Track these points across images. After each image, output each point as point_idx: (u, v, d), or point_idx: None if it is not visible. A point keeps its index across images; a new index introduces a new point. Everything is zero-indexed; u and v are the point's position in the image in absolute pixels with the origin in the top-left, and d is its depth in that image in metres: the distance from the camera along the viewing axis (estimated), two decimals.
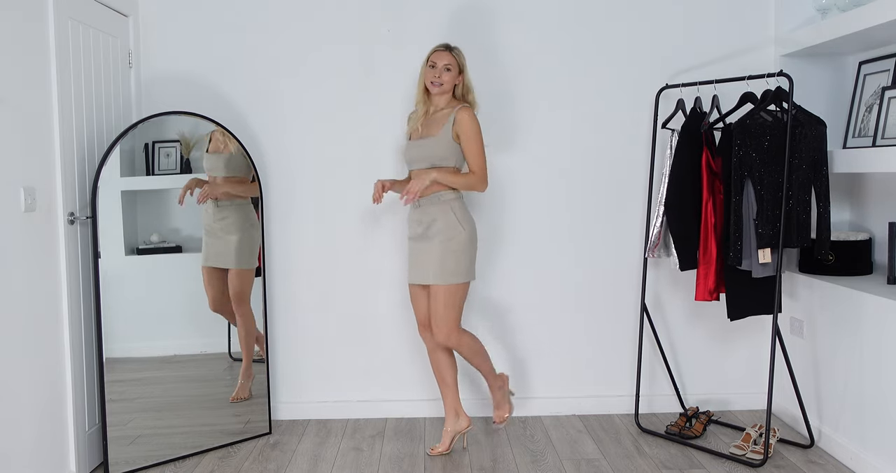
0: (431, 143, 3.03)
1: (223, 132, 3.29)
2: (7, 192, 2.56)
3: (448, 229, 3.01)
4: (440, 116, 3.07)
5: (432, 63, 3.03)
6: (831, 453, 3.14)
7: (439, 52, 3.05)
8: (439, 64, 3.02)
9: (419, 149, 3.06)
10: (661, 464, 3.08)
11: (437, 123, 3.06)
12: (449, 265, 3.01)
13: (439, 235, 3.01)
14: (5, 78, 2.55)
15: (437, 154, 3.03)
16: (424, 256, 3.05)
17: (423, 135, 3.08)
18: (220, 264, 3.32)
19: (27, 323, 2.66)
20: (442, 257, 3.00)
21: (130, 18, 3.45)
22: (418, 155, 3.06)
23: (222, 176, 3.31)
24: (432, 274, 3.02)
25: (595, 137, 3.61)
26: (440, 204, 3.03)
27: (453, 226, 3.02)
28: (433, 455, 3.18)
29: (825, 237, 3.11)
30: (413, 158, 3.09)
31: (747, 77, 3.14)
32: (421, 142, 3.06)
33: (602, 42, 3.58)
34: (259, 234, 3.44)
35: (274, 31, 3.55)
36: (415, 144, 3.08)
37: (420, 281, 3.08)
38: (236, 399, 3.40)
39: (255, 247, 3.43)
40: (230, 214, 3.34)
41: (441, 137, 3.03)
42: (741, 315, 3.14)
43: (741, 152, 3.01)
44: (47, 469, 2.77)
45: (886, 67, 3.17)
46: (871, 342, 2.89)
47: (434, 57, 3.04)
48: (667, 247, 3.36)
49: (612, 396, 3.69)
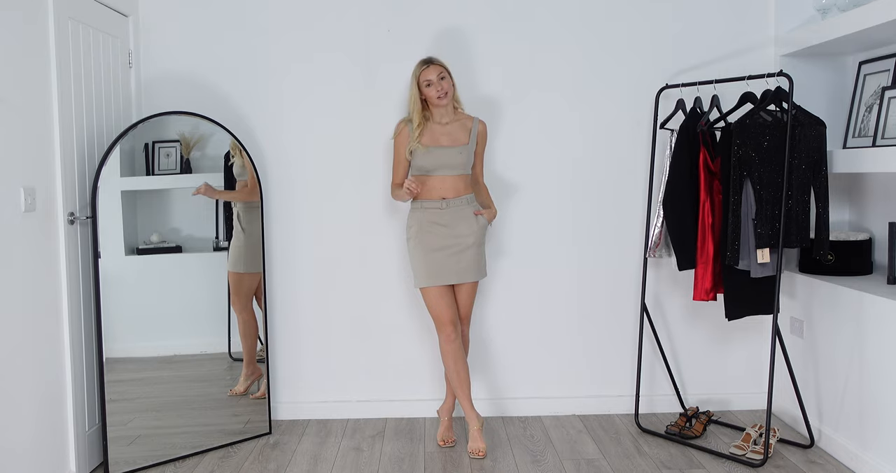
0: (465, 151, 3.18)
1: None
2: (7, 192, 2.56)
3: (481, 228, 3.23)
4: (458, 126, 3.22)
5: (427, 81, 3.12)
6: (831, 453, 3.14)
7: (426, 69, 3.13)
8: (434, 77, 3.11)
9: (449, 157, 3.15)
10: (661, 464, 3.08)
11: (460, 132, 3.21)
12: (484, 259, 3.29)
13: (474, 234, 3.20)
14: (5, 78, 2.55)
15: (468, 162, 3.21)
16: (464, 255, 3.17)
17: (450, 143, 3.18)
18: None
19: (27, 323, 2.66)
20: (479, 253, 3.24)
21: (130, 18, 3.45)
22: (448, 162, 3.15)
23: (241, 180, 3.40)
24: (476, 271, 3.23)
25: (595, 137, 3.61)
26: (473, 204, 3.24)
27: (484, 225, 3.25)
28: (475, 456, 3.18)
29: (824, 237, 3.11)
30: (439, 165, 3.16)
31: (747, 77, 3.14)
32: (451, 150, 3.16)
33: (602, 42, 3.58)
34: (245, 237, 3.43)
35: (274, 31, 3.55)
36: (442, 152, 3.15)
37: (464, 279, 3.19)
38: (234, 394, 3.43)
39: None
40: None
41: (471, 146, 3.22)
42: (739, 315, 3.14)
43: (740, 152, 3.01)
44: (47, 468, 2.77)
45: (886, 67, 3.17)
46: (871, 342, 2.89)
47: (426, 74, 3.12)
48: (667, 247, 3.36)
49: (612, 396, 3.69)
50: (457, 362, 3.20)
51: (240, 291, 3.41)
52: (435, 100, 3.14)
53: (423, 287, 3.18)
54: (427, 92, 3.13)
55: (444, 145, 3.17)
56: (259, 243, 3.43)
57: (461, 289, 3.24)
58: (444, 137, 3.19)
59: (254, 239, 3.42)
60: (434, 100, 3.14)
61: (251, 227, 3.41)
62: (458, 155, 3.16)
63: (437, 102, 3.14)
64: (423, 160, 3.16)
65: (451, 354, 3.19)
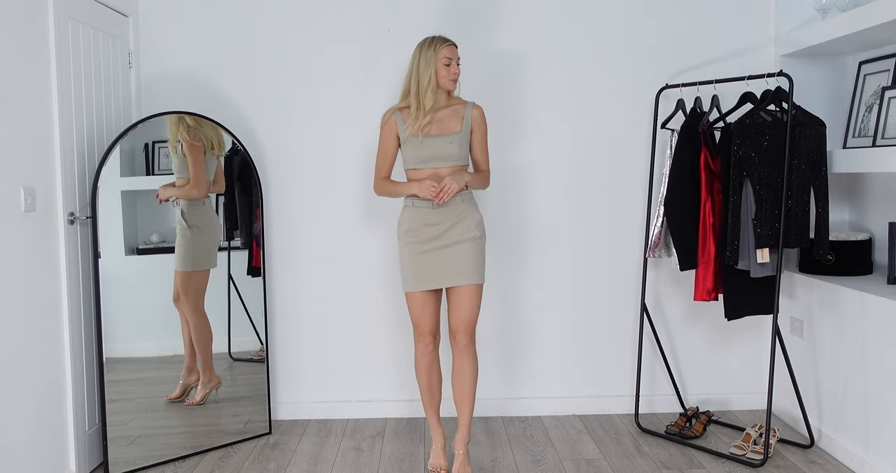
0: (456, 140, 2.92)
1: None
2: (7, 192, 2.56)
3: (478, 226, 2.97)
4: (450, 112, 2.96)
5: (448, 59, 2.89)
6: (831, 453, 3.14)
7: (450, 46, 2.91)
8: (455, 56, 2.92)
9: (441, 147, 2.91)
10: (661, 464, 3.08)
11: (451, 119, 2.95)
12: (481, 261, 2.97)
13: (469, 232, 2.93)
14: (5, 78, 2.55)
15: (462, 151, 2.94)
16: (455, 257, 2.91)
17: (440, 132, 2.92)
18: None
19: (27, 323, 2.66)
20: (476, 254, 2.94)
21: (130, 18, 3.45)
22: (440, 153, 2.91)
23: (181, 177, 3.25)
24: (470, 274, 2.92)
25: (595, 137, 3.61)
26: (469, 202, 2.97)
27: (480, 224, 2.98)
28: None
29: (823, 238, 3.11)
30: (431, 157, 2.91)
31: (747, 77, 3.14)
32: (442, 139, 2.91)
33: (602, 42, 3.58)
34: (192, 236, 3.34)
35: (274, 30, 3.55)
36: (434, 142, 2.91)
37: (454, 283, 2.91)
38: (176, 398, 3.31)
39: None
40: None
41: (464, 134, 2.94)
42: (738, 315, 3.14)
43: (740, 152, 3.01)
44: (47, 468, 2.77)
45: (886, 67, 3.17)
46: (871, 342, 2.89)
47: (447, 52, 2.89)
48: (667, 247, 3.36)
49: (612, 396, 3.69)
50: (430, 375, 3.03)
51: (188, 290, 3.27)
52: (448, 83, 2.91)
53: (407, 291, 2.99)
54: (443, 72, 2.89)
55: (433, 134, 2.92)
56: (212, 240, 3.35)
57: (458, 294, 2.93)
58: (434, 126, 2.93)
59: (204, 236, 3.32)
60: (446, 83, 2.91)
61: (199, 224, 3.30)
62: (450, 144, 2.91)
63: (450, 85, 2.92)
64: (412, 152, 2.93)
65: (425, 366, 3.01)
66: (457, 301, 2.94)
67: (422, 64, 2.90)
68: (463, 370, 2.97)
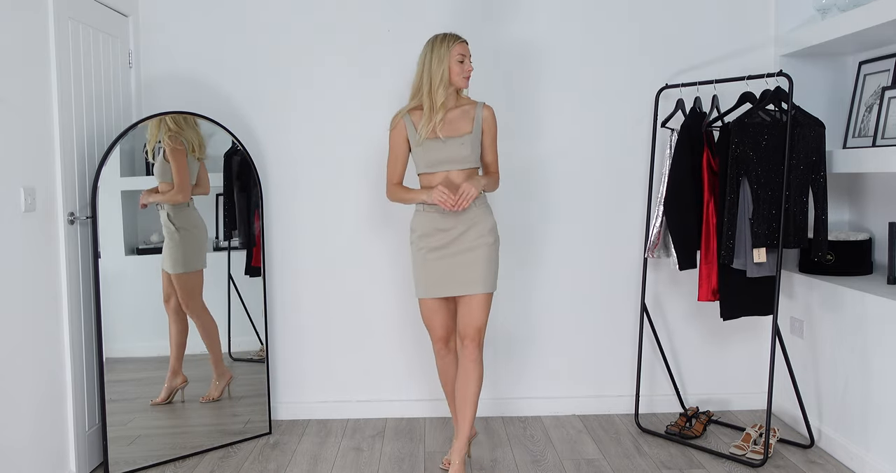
0: (468, 142, 2.85)
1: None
2: (7, 192, 2.56)
3: (491, 231, 2.90)
4: (459, 113, 2.89)
5: (462, 56, 2.83)
6: (831, 453, 3.14)
7: (463, 43, 2.86)
8: (466, 56, 2.86)
9: (452, 149, 2.84)
10: (661, 464, 3.08)
11: (461, 121, 2.88)
12: (494, 269, 2.90)
13: (483, 238, 2.87)
14: (5, 78, 2.55)
15: (474, 153, 2.87)
16: (467, 264, 2.85)
17: (451, 134, 2.85)
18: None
19: (27, 323, 2.66)
20: (489, 262, 2.87)
21: (130, 18, 3.45)
22: (452, 155, 2.84)
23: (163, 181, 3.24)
24: (481, 283, 2.85)
25: (595, 137, 3.61)
26: (482, 206, 2.91)
27: (493, 228, 2.92)
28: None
29: (822, 239, 3.10)
30: (443, 159, 2.85)
31: (747, 77, 3.14)
32: (453, 141, 2.84)
33: (602, 42, 3.58)
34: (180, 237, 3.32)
35: (275, 31, 3.55)
36: (445, 144, 2.84)
37: (465, 291, 2.85)
38: (206, 400, 3.35)
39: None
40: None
41: (475, 135, 2.87)
42: (734, 315, 3.13)
43: (738, 151, 3.01)
44: (47, 468, 2.77)
45: (886, 67, 3.17)
46: (871, 342, 2.89)
47: (460, 49, 2.83)
48: (666, 248, 3.36)
49: (612, 396, 3.69)
50: (448, 374, 3.04)
51: (189, 292, 3.27)
52: (461, 80, 2.84)
53: (420, 298, 2.95)
54: (456, 69, 2.82)
55: (444, 136, 2.85)
56: (201, 241, 3.33)
57: (467, 303, 2.87)
58: (443, 127, 2.85)
59: (192, 237, 3.31)
60: (459, 80, 2.84)
61: (187, 225, 3.28)
62: (461, 146, 2.84)
63: (462, 83, 2.85)
64: (423, 155, 2.87)
65: (443, 370, 3.05)
66: (466, 307, 2.88)
67: (434, 61, 2.83)
68: (467, 377, 2.89)
